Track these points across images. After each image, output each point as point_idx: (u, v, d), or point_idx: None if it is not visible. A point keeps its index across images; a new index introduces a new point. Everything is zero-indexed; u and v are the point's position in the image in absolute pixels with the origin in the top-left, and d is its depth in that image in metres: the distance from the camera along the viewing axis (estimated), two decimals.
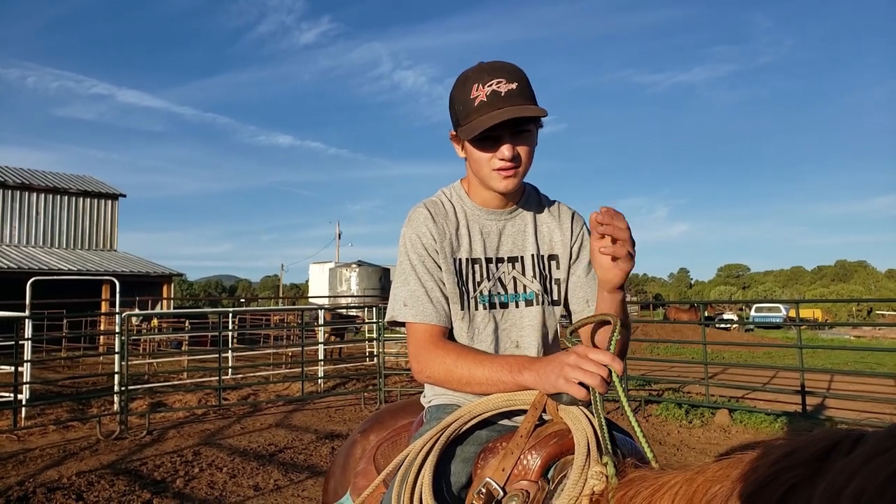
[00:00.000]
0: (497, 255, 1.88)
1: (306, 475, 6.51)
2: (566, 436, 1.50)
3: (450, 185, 1.97)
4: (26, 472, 6.57)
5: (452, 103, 1.79)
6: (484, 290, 1.84)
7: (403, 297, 1.80)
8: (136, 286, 24.78)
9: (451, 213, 1.87)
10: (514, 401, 1.62)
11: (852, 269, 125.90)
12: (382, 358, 11.44)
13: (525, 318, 1.86)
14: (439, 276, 1.81)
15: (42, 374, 14.23)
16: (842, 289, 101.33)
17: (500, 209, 1.88)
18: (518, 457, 1.51)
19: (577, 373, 1.42)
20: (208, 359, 15.25)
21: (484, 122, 1.64)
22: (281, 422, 9.21)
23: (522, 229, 1.91)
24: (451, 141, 1.88)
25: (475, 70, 1.74)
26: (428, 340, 1.75)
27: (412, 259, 1.81)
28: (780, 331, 37.15)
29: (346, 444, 2.27)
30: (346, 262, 38.52)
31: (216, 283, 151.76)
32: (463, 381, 1.66)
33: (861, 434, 0.85)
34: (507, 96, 1.66)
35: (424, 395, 1.98)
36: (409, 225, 1.85)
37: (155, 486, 6.14)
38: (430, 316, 1.76)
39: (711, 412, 9.13)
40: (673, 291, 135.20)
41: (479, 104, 1.67)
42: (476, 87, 1.69)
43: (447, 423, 1.63)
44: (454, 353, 1.69)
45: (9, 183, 26.81)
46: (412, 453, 1.61)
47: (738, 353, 20.98)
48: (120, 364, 9.11)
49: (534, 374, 1.54)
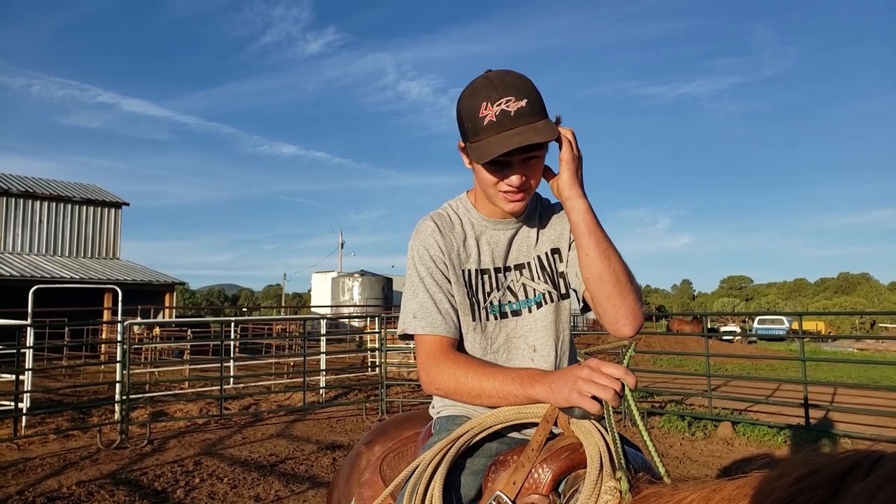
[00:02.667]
0: (505, 265, 1.88)
1: (307, 486, 6.48)
2: (578, 450, 1.49)
3: (456, 198, 1.97)
4: (26, 482, 6.54)
5: (460, 117, 1.75)
6: (494, 300, 1.84)
7: (413, 309, 1.79)
8: (138, 295, 24.78)
9: (457, 226, 1.88)
10: (525, 414, 1.60)
11: (855, 282, 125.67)
12: (384, 368, 11.40)
13: (538, 321, 1.85)
14: (448, 288, 1.80)
15: (43, 382, 14.20)
16: (845, 301, 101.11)
17: (506, 219, 1.88)
18: (529, 470, 1.50)
19: (590, 386, 1.41)
20: (210, 368, 15.24)
21: (494, 150, 1.61)
22: (282, 432, 9.17)
23: (527, 235, 1.91)
24: (459, 151, 1.86)
25: (483, 84, 1.69)
26: (437, 352, 1.73)
27: (420, 272, 1.81)
28: (783, 343, 37.07)
29: (350, 455, 2.26)
30: (349, 272, 38.54)
31: (218, 292, 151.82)
32: (473, 393, 1.64)
33: (880, 456, 0.84)
34: (518, 116, 1.63)
35: (433, 405, 1.96)
36: (416, 238, 1.85)
37: (155, 496, 6.11)
38: (439, 327, 1.75)
39: (714, 425, 9.09)
40: (676, 303, 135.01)
41: (487, 124, 1.64)
42: (485, 106, 1.65)
43: (457, 435, 1.62)
44: (464, 365, 1.68)
45: (12, 191, 26.88)
46: (422, 465, 1.59)
47: (741, 365, 20.92)
48: (121, 373, 9.09)
49: (546, 388, 1.52)
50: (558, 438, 1.56)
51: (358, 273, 36.85)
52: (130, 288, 23.49)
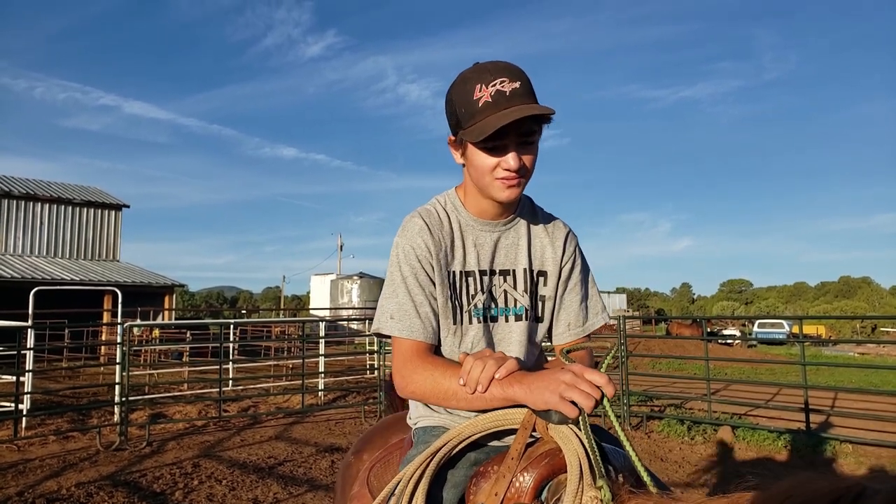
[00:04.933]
0: (490, 268, 1.83)
1: (305, 488, 6.48)
2: (558, 455, 1.45)
3: (444, 193, 1.91)
4: (26, 483, 6.54)
5: (451, 105, 1.69)
6: (478, 304, 1.80)
7: (391, 309, 1.75)
8: (137, 296, 24.78)
9: (445, 224, 1.82)
10: (502, 421, 1.58)
11: (856, 286, 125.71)
12: (383, 371, 11.40)
13: (513, 333, 1.83)
14: (430, 291, 1.75)
15: (43, 383, 14.20)
16: (845, 305, 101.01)
17: (495, 220, 1.83)
18: (510, 480, 1.47)
19: (572, 391, 1.38)
20: (209, 370, 15.22)
21: (492, 123, 1.54)
22: (281, 434, 9.17)
23: (516, 242, 1.86)
24: (449, 147, 1.79)
25: (474, 70, 1.65)
26: (413, 356, 1.70)
27: (404, 271, 1.76)
28: (783, 347, 37.01)
29: (342, 466, 2.26)
30: (348, 275, 38.58)
31: (217, 294, 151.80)
32: (449, 393, 1.59)
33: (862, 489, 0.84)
34: (513, 96, 1.58)
35: (409, 416, 1.94)
36: (402, 235, 1.80)
37: (154, 498, 6.11)
38: (417, 332, 1.71)
39: (714, 429, 9.07)
40: (675, 306, 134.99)
41: (483, 105, 1.59)
42: (479, 88, 1.60)
43: (436, 448, 1.59)
44: (442, 367, 1.64)
45: (14, 193, 26.90)
46: (403, 481, 1.56)
47: (740, 369, 20.90)
48: (121, 375, 9.09)
49: (524, 389, 1.47)
50: (538, 444, 1.52)
51: (357, 276, 36.87)
52: (130, 290, 23.48)
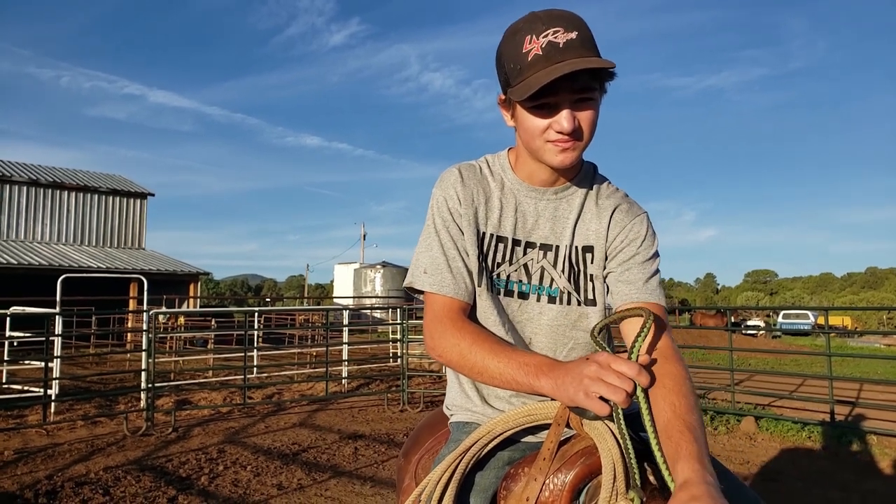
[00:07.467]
0: (528, 239, 1.66)
1: (329, 475, 6.53)
2: (594, 454, 1.35)
3: (496, 153, 1.75)
4: (55, 467, 6.66)
5: (501, 61, 1.52)
6: (503, 274, 1.65)
7: (425, 263, 1.63)
8: (163, 284, 25.10)
9: (487, 180, 1.68)
10: (535, 416, 1.48)
11: (883, 277, 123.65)
12: (406, 359, 11.45)
13: (544, 316, 1.65)
14: (462, 245, 1.62)
15: (71, 369, 14.42)
16: (872, 296, 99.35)
17: (546, 187, 1.65)
18: (543, 482, 1.37)
19: (598, 386, 1.24)
20: (234, 357, 15.38)
21: (541, 78, 1.37)
22: (304, 421, 9.25)
23: (566, 215, 1.66)
24: (499, 107, 1.62)
25: (526, 20, 1.46)
26: (444, 316, 1.57)
27: (436, 223, 1.64)
28: (807, 338, 36.57)
29: (395, 468, 2.27)
30: (371, 263, 38.75)
31: (242, 283, 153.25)
32: (475, 369, 1.48)
33: None
34: (567, 47, 1.39)
35: (445, 405, 1.85)
36: (439, 186, 1.68)
37: (180, 482, 6.20)
38: (449, 288, 1.59)
39: (737, 419, 9.00)
40: (699, 297, 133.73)
41: (533, 58, 1.41)
42: (529, 40, 1.42)
43: (465, 447, 1.49)
44: (470, 338, 1.50)
45: (41, 181, 27.32)
46: (430, 485, 1.47)
47: (764, 360, 20.69)
48: (147, 361, 9.20)
49: (551, 383, 1.34)
50: (573, 442, 1.41)
51: (380, 265, 37.03)
52: (155, 278, 23.79)
